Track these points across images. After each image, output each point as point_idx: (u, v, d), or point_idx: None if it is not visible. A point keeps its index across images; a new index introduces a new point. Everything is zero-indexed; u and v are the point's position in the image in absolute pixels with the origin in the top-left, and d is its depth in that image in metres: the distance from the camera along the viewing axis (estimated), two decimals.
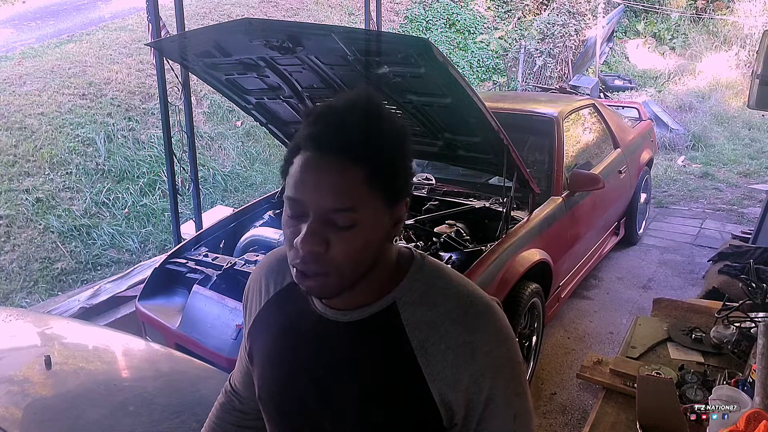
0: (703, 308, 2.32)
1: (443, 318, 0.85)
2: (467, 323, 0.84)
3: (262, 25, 2.54)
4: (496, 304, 0.89)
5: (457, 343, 0.83)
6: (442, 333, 0.84)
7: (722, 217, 5.61)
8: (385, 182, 0.79)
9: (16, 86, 6.27)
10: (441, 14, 11.49)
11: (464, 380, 0.82)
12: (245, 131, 7.17)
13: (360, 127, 0.78)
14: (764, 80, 3.69)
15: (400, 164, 0.82)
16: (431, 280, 0.89)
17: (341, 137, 0.77)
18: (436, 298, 0.87)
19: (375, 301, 0.87)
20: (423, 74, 2.36)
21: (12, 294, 4.20)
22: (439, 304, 0.86)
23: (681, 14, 12.96)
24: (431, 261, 0.93)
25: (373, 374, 0.87)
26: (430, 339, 0.84)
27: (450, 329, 0.84)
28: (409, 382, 0.84)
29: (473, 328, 0.84)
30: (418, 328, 0.85)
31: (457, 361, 0.83)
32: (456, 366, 0.83)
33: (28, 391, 1.69)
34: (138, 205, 5.41)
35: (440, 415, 0.84)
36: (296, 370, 0.92)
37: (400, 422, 0.85)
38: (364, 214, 0.78)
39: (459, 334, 0.84)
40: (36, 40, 8.00)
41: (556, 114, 3.59)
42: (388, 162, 0.79)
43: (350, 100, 0.82)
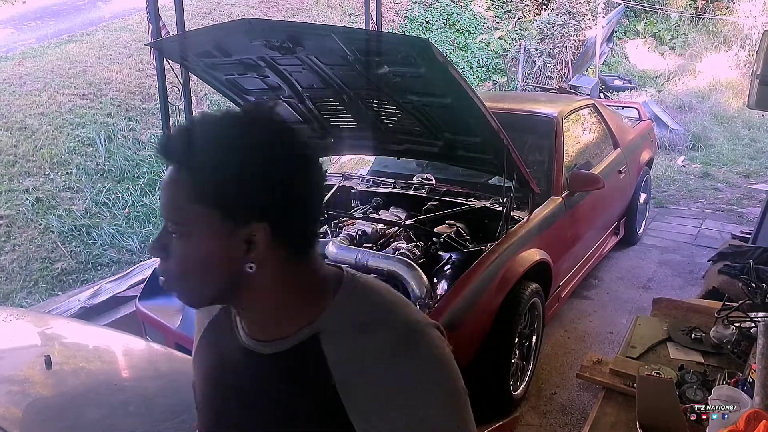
0: (703, 308, 2.32)
1: (370, 349, 0.77)
2: (398, 354, 0.77)
3: (262, 25, 2.54)
4: (434, 330, 0.81)
5: (386, 378, 0.76)
6: (368, 366, 0.77)
7: (722, 217, 5.61)
8: (215, 198, 0.73)
9: (17, 86, 6.27)
10: (441, 14, 11.49)
11: (394, 418, 0.75)
12: None
13: (193, 138, 0.75)
14: (764, 80, 3.69)
15: (245, 182, 0.73)
16: (360, 306, 0.81)
17: (170, 146, 0.76)
18: (363, 327, 0.79)
19: (296, 332, 0.80)
20: (423, 74, 2.37)
21: (12, 294, 4.20)
22: (367, 333, 0.78)
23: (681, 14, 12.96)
24: (362, 283, 0.85)
25: (294, 410, 0.81)
26: (354, 373, 0.77)
27: (378, 362, 0.76)
28: (332, 419, 0.78)
29: (405, 360, 0.76)
30: (341, 361, 0.78)
31: (385, 397, 0.75)
32: (384, 402, 0.75)
33: (28, 390, 1.69)
34: (138, 205, 5.41)
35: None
36: (226, 405, 0.88)
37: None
38: (194, 228, 0.74)
39: (387, 367, 0.76)
40: (36, 40, 8.00)
41: (556, 114, 3.59)
42: (218, 176, 0.73)
43: (214, 112, 0.77)
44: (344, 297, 0.81)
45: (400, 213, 3.31)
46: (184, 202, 0.74)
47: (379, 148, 3.41)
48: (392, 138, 3.16)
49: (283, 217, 0.75)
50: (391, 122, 3.05)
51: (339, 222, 3.22)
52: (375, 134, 3.17)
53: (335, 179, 3.77)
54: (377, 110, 2.96)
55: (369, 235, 3.03)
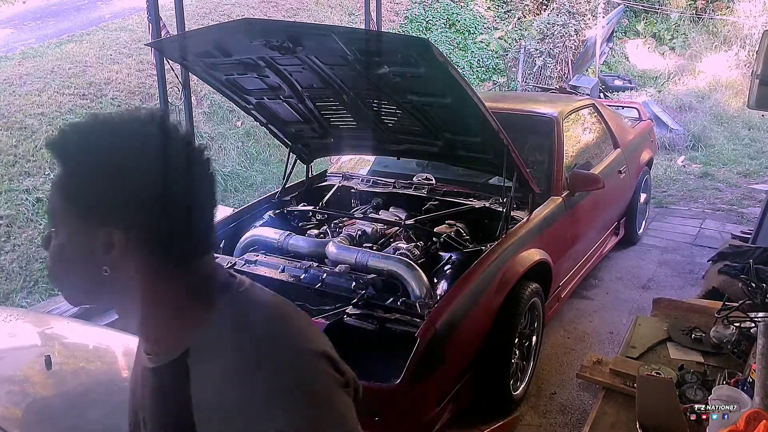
0: (703, 308, 2.32)
1: (230, 371, 0.70)
2: (256, 379, 0.69)
3: (262, 26, 2.55)
4: (317, 359, 0.73)
5: (239, 406, 0.69)
6: (224, 391, 0.70)
7: (722, 217, 5.61)
8: (75, 196, 0.74)
9: (17, 86, 6.27)
10: (441, 14, 11.49)
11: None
12: (245, 131, 7.17)
13: (74, 136, 0.76)
14: (764, 80, 3.69)
15: (105, 184, 0.72)
16: (235, 319, 0.75)
17: (55, 141, 0.77)
18: (230, 345, 0.72)
19: (171, 347, 0.77)
20: (423, 74, 2.37)
21: (12, 294, 4.20)
22: (232, 352, 0.71)
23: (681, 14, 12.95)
24: (245, 293, 0.79)
25: (164, 429, 0.80)
26: (209, 399, 0.72)
27: (232, 386, 0.69)
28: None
29: (264, 386, 0.69)
30: (202, 383, 0.73)
31: (233, 420, 0.69)
32: (231, 426, 0.69)
33: (29, 390, 1.69)
34: None
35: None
36: (137, 421, 0.90)
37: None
38: (60, 223, 0.76)
39: (243, 393, 0.69)
40: (36, 40, 8.00)
41: (556, 114, 3.59)
42: (81, 175, 0.74)
43: (107, 114, 0.79)
44: (222, 312, 0.75)
45: (400, 213, 3.31)
46: (54, 197, 0.76)
47: (379, 148, 3.41)
48: (392, 138, 3.16)
49: (145, 225, 0.73)
50: (391, 122, 3.05)
51: (339, 222, 3.22)
52: (375, 134, 3.18)
53: (335, 179, 3.77)
54: (377, 110, 2.97)
55: (369, 235, 3.03)
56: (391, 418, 2.21)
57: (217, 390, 0.71)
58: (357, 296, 2.45)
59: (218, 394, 0.71)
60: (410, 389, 2.16)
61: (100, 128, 0.76)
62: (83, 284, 0.77)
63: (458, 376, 2.47)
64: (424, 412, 2.30)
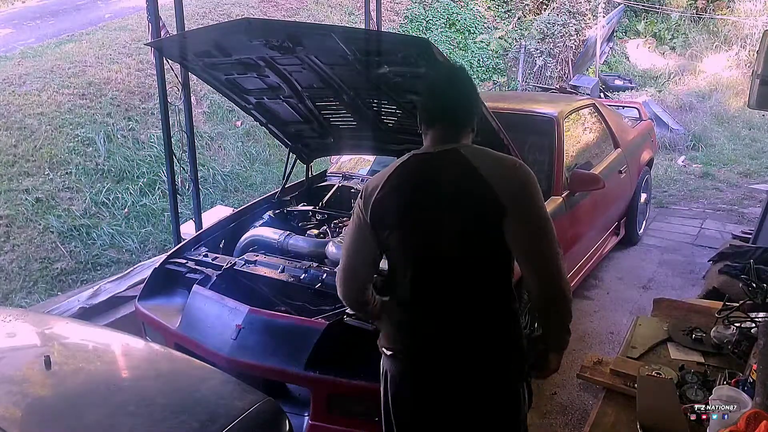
0: (704, 308, 2.32)
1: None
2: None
3: (262, 25, 2.55)
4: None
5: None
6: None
7: (722, 217, 5.60)
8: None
9: (16, 86, 6.27)
10: (441, 14, 11.49)
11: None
12: (245, 131, 7.17)
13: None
14: (764, 80, 3.68)
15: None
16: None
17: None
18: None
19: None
20: (423, 74, 2.36)
21: (12, 294, 4.20)
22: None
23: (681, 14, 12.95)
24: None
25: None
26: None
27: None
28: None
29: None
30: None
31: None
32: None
33: (28, 391, 1.69)
34: (138, 205, 5.41)
35: None
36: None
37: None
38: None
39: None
40: (36, 39, 8.00)
41: (556, 114, 3.59)
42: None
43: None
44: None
45: None
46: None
47: (379, 148, 3.41)
48: (392, 138, 3.16)
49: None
50: (391, 122, 3.04)
51: (339, 222, 3.22)
52: (375, 134, 3.17)
53: (335, 179, 3.77)
54: (377, 110, 2.96)
55: None
56: None
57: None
58: None
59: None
60: None
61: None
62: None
63: None
64: None
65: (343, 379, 2.20)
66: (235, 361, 2.29)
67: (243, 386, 1.81)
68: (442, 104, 1.60)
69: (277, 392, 2.36)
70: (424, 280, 1.59)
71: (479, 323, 1.56)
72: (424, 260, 1.59)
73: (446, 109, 1.60)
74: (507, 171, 1.54)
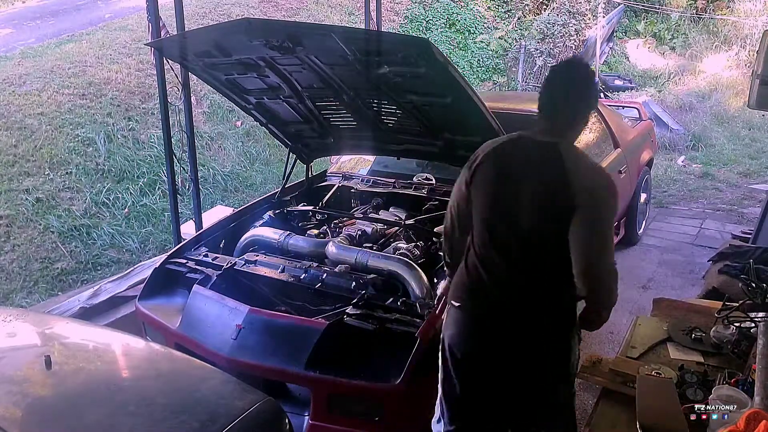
0: (703, 308, 2.32)
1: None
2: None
3: (262, 25, 2.55)
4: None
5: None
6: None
7: (722, 217, 5.60)
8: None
9: (16, 86, 6.27)
10: (441, 14, 11.48)
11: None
12: (245, 131, 7.17)
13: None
14: (764, 80, 3.68)
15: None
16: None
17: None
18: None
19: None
20: (423, 74, 2.37)
21: (12, 294, 4.20)
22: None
23: (681, 14, 12.94)
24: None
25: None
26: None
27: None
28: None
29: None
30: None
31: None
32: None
33: (28, 391, 1.69)
34: (138, 205, 5.41)
35: None
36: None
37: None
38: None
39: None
40: (36, 39, 8.00)
41: None
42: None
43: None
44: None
45: (400, 213, 3.30)
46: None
47: (379, 148, 3.41)
48: (392, 138, 3.16)
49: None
50: (391, 122, 3.05)
51: (339, 222, 3.22)
52: (375, 134, 3.17)
53: (335, 179, 3.77)
54: (377, 110, 2.97)
55: (369, 235, 3.03)
56: (391, 418, 2.21)
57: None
58: (357, 296, 2.45)
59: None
60: (410, 389, 2.16)
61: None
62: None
63: None
64: (424, 412, 2.30)
65: (343, 379, 2.20)
66: (236, 361, 2.30)
67: (243, 386, 1.81)
68: (552, 98, 1.80)
69: (278, 392, 2.36)
70: (496, 243, 1.81)
71: (540, 285, 1.79)
72: (499, 226, 1.81)
73: (555, 104, 1.80)
74: (590, 177, 1.73)
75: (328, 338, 2.27)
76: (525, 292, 1.79)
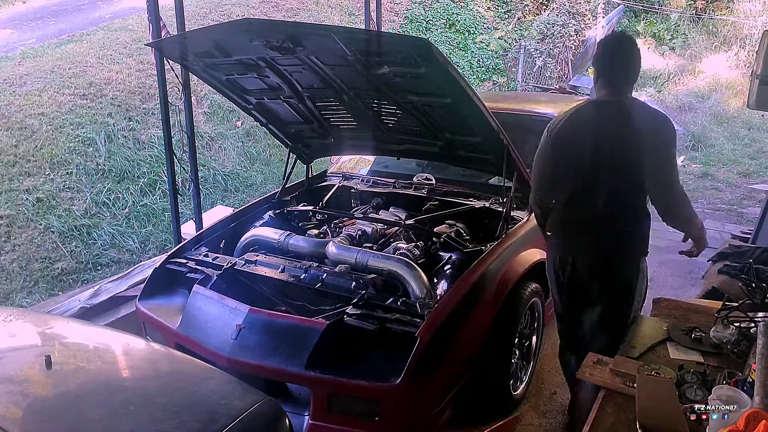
0: (703, 308, 2.32)
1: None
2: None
3: (262, 26, 2.55)
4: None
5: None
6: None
7: (722, 217, 5.61)
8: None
9: (17, 86, 6.27)
10: (441, 14, 11.49)
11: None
12: (245, 131, 7.17)
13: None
14: (764, 80, 3.69)
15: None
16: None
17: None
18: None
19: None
20: (423, 74, 2.37)
21: (12, 294, 4.20)
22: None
23: (681, 14, 12.95)
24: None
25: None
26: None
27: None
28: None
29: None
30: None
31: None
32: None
33: (29, 390, 1.69)
34: (138, 205, 5.42)
35: None
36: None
37: None
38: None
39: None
40: (36, 40, 8.00)
41: (556, 114, 3.57)
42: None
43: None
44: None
45: (400, 213, 3.31)
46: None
47: (379, 148, 3.42)
48: (392, 138, 3.16)
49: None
50: (391, 122, 3.05)
51: (339, 222, 3.22)
52: (375, 134, 3.18)
53: (335, 179, 3.77)
54: (377, 110, 2.97)
55: (369, 235, 3.03)
56: (391, 418, 2.21)
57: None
58: (357, 296, 2.45)
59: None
60: (410, 389, 2.16)
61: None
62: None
63: (458, 376, 2.47)
64: (424, 412, 2.31)
65: (343, 379, 2.20)
66: (236, 361, 2.30)
67: (243, 386, 1.81)
68: (609, 65, 2.21)
69: (278, 392, 2.37)
70: (586, 187, 2.23)
71: (624, 216, 2.23)
72: (587, 172, 2.22)
73: (612, 69, 2.20)
74: (654, 121, 2.15)
75: (328, 338, 2.27)
76: (612, 223, 2.22)
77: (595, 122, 2.21)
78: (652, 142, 2.10)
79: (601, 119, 2.20)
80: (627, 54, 2.18)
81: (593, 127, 2.21)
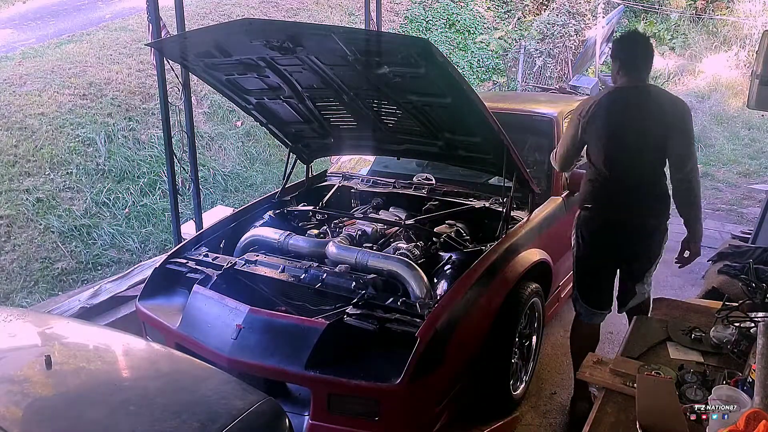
0: (703, 308, 2.33)
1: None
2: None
3: (263, 26, 2.55)
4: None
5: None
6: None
7: (722, 217, 5.61)
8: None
9: (17, 86, 6.27)
10: (441, 14, 11.49)
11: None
12: (245, 131, 7.17)
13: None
14: (764, 80, 3.69)
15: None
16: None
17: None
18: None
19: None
20: (423, 74, 2.37)
21: (12, 294, 4.20)
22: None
23: (681, 14, 12.95)
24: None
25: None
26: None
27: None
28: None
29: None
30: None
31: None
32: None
33: (29, 390, 1.69)
34: (138, 205, 5.42)
35: None
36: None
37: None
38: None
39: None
40: (36, 40, 8.00)
41: (556, 114, 3.59)
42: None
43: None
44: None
45: (400, 213, 3.31)
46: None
47: (379, 148, 3.41)
48: (392, 138, 3.16)
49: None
50: (391, 122, 3.05)
51: (339, 222, 3.22)
52: (375, 134, 3.18)
53: (335, 179, 3.78)
54: (377, 110, 2.97)
55: (369, 235, 3.03)
56: (391, 418, 2.21)
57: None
58: (357, 296, 2.45)
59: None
60: (410, 389, 2.16)
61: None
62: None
63: (458, 376, 2.47)
64: (424, 412, 2.31)
65: (343, 379, 2.20)
66: (236, 361, 2.30)
67: (243, 386, 1.81)
68: (631, 56, 2.52)
69: (278, 392, 2.37)
70: (616, 160, 2.54)
71: (648, 181, 2.56)
72: (616, 148, 2.53)
73: (634, 58, 2.51)
74: (675, 105, 2.47)
75: (328, 338, 2.27)
76: (648, 187, 2.56)
77: (624, 103, 2.51)
78: (672, 117, 2.43)
79: (629, 101, 2.50)
80: (647, 46, 2.54)
81: (623, 106, 2.50)
